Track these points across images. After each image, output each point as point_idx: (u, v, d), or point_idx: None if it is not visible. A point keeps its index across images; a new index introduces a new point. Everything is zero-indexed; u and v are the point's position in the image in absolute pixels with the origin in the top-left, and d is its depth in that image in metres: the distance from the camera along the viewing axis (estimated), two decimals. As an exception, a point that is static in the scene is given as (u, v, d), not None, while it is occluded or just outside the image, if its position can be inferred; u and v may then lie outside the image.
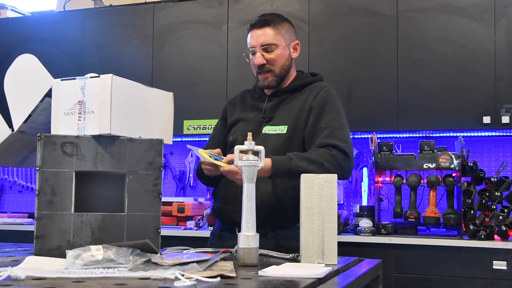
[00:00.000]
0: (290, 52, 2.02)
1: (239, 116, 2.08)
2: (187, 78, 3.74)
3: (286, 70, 2.02)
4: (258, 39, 1.97)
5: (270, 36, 1.96)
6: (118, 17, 4.00)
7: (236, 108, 2.12)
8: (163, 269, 1.21)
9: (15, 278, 1.08)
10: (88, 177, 1.50)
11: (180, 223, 3.53)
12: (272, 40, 1.96)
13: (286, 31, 2.01)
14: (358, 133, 3.57)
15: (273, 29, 1.97)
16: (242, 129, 2.01)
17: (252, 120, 2.02)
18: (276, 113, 1.99)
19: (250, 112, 2.06)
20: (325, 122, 1.91)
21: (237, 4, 3.70)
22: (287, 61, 2.01)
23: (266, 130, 1.97)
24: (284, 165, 1.79)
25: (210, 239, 2.08)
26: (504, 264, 2.81)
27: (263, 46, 1.96)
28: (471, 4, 3.27)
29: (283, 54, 1.99)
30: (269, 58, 1.97)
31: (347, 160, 1.86)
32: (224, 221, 2.01)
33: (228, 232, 1.97)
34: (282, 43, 1.98)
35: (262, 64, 1.97)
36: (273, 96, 2.03)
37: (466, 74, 3.25)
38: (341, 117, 1.95)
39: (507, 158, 3.51)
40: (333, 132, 1.88)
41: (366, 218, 3.15)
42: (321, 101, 1.96)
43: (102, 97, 1.47)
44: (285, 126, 1.94)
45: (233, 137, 2.03)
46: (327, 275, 1.25)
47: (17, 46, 3.96)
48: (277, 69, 1.99)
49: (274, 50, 1.97)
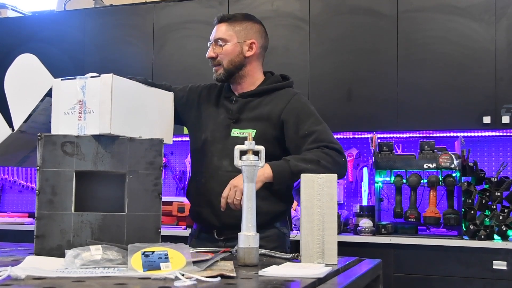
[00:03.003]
0: (243, 50, 2.01)
1: (207, 112, 2.06)
2: (188, 78, 3.73)
3: (236, 67, 2.01)
4: (213, 34, 2.03)
5: (222, 31, 2.00)
6: (119, 17, 4.00)
7: (202, 101, 2.11)
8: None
9: (15, 277, 1.08)
10: (88, 177, 1.50)
11: (180, 223, 3.53)
12: (222, 35, 1.99)
13: (243, 28, 2.01)
14: (358, 133, 3.57)
15: (227, 25, 2.01)
16: (212, 129, 2.00)
17: (222, 122, 2.00)
18: (243, 114, 1.98)
19: (218, 111, 2.04)
20: (306, 129, 1.90)
21: (237, 4, 3.70)
22: (236, 58, 2.00)
23: (235, 133, 1.95)
24: (283, 167, 1.79)
25: (188, 240, 2.07)
26: (504, 264, 2.81)
27: (215, 40, 2.01)
28: (472, 4, 3.27)
29: (232, 49, 1.99)
30: (217, 52, 2.00)
31: (341, 157, 1.87)
32: (202, 224, 2.02)
33: (206, 234, 1.99)
34: (233, 39, 1.99)
35: (211, 57, 2.01)
36: (241, 97, 2.02)
37: (466, 74, 3.25)
38: (320, 121, 1.95)
39: (507, 158, 3.51)
40: (319, 137, 1.88)
41: (366, 218, 3.15)
42: (294, 111, 1.95)
43: (102, 96, 1.47)
44: (253, 130, 1.93)
45: (204, 135, 2.01)
46: (327, 275, 1.25)
47: (17, 46, 3.96)
48: (225, 64, 1.99)
49: (224, 45, 1.99)
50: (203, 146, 2.00)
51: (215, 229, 1.94)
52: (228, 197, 1.73)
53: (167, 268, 1.18)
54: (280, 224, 1.96)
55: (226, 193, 1.74)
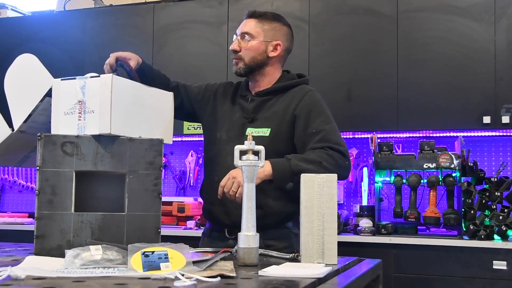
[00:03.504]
0: (267, 49, 2.00)
1: (222, 110, 2.06)
2: (187, 78, 3.70)
3: (257, 65, 2.00)
4: (241, 27, 2.02)
5: (251, 26, 1.99)
6: (118, 17, 4.00)
7: (218, 99, 2.11)
8: (163, 269, 1.21)
9: (15, 277, 1.08)
10: (88, 177, 1.50)
11: (180, 223, 3.53)
12: (250, 30, 1.99)
13: (271, 28, 2.01)
14: (358, 133, 3.57)
15: (257, 22, 2.00)
16: (227, 128, 2.00)
17: (237, 120, 2.01)
18: (259, 114, 1.98)
19: (233, 109, 2.04)
20: (315, 127, 1.90)
21: (237, 4, 3.70)
22: (259, 56, 2.00)
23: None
24: (284, 166, 1.78)
25: (201, 240, 2.09)
26: (504, 264, 2.81)
27: (242, 34, 2.00)
28: (472, 4, 3.27)
29: (257, 47, 1.99)
30: (242, 46, 1.99)
31: (344, 160, 1.86)
32: (213, 223, 2.02)
33: (218, 233, 1.99)
34: (260, 36, 1.99)
35: (234, 50, 2.01)
36: (257, 96, 2.03)
37: (466, 74, 3.25)
38: (330, 121, 1.94)
39: (507, 158, 3.51)
40: (325, 136, 1.88)
41: (366, 218, 3.15)
42: (306, 107, 1.95)
43: (102, 96, 1.47)
44: (268, 129, 1.93)
45: (219, 134, 2.02)
46: (327, 275, 1.25)
47: (17, 46, 3.96)
48: (247, 59, 1.99)
49: (250, 41, 1.98)
50: (217, 144, 2.00)
51: (227, 227, 1.94)
52: (225, 186, 1.73)
53: (167, 268, 1.18)
54: (292, 224, 1.95)
55: (224, 182, 1.74)
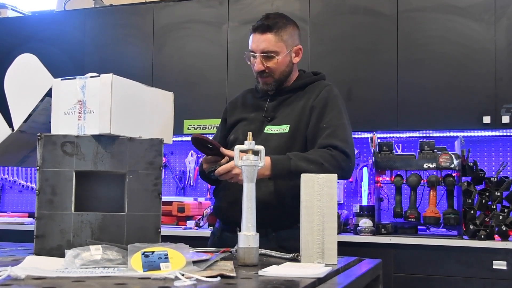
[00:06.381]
0: (291, 58, 1.99)
1: (240, 116, 2.07)
2: (187, 77, 3.74)
3: (286, 76, 2.00)
4: (259, 45, 1.94)
5: (271, 43, 1.92)
6: (118, 17, 4.00)
7: (237, 109, 2.12)
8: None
9: (15, 277, 1.08)
10: (88, 177, 1.50)
11: (180, 223, 3.53)
12: (273, 48, 1.93)
13: (289, 36, 1.97)
14: (358, 132, 3.57)
15: (275, 36, 1.93)
16: (243, 129, 2.00)
17: (254, 119, 2.01)
18: (278, 112, 1.98)
19: (252, 112, 2.05)
20: (326, 122, 1.90)
21: (237, 4, 3.70)
22: (287, 67, 1.98)
23: (268, 130, 1.96)
24: (284, 165, 1.78)
25: (210, 239, 2.08)
26: (504, 264, 2.81)
27: (264, 53, 1.93)
28: (472, 4, 3.27)
29: (283, 61, 1.96)
30: (269, 65, 1.95)
31: (347, 161, 1.85)
32: (225, 221, 2.01)
33: (229, 233, 1.96)
34: (283, 50, 1.95)
35: (261, 70, 1.96)
36: (275, 95, 2.02)
37: (466, 74, 3.25)
38: (342, 117, 1.94)
39: (507, 158, 3.51)
40: (334, 132, 1.87)
41: (366, 218, 3.15)
42: (323, 101, 1.95)
43: (102, 96, 1.47)
44: (287, 125, 1.93)
45: (234, 136, 2.02)
46: (327, 275, 1.25)
47: (17, 46, 3.96)
48: (276, 75, 1.97)
49: (274, 58, 1.93)
50: (233, 144, 1.99)
51: (238, 226, 1.94)
52: (225, 173, 1.73)
53: (167, 268, 1.18)
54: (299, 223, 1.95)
55: (226, 169, 1.73)
